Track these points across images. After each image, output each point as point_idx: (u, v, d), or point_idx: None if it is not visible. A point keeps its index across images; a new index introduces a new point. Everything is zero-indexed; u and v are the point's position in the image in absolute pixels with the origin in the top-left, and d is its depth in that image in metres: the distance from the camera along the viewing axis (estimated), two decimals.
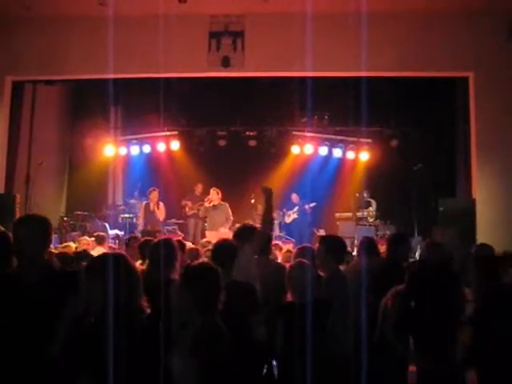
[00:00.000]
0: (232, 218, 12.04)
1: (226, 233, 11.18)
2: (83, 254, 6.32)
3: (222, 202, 12.08)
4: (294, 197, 14.06)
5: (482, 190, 10.64)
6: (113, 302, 2.92)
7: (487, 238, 9.42)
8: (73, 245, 8.18)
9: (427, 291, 4.10)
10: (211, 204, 12.04)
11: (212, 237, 9.17)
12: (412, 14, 10.54)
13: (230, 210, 12.08)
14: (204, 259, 5.47)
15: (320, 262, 5.01)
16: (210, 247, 5.68)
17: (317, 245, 7.68)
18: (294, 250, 6.25)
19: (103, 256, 3.21)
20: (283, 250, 8.10)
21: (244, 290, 4.39)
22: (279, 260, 7.21)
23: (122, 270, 3.03)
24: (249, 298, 4.36)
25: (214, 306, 3.34)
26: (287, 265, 5.02)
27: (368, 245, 5.96)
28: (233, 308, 4.01)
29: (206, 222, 12.65)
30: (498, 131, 10.66)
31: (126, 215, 13.75)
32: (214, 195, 12.03)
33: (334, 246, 5.13)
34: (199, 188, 13.32)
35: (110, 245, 9.26)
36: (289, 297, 4.63)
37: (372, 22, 9.58)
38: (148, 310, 3.05)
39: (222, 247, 4.71)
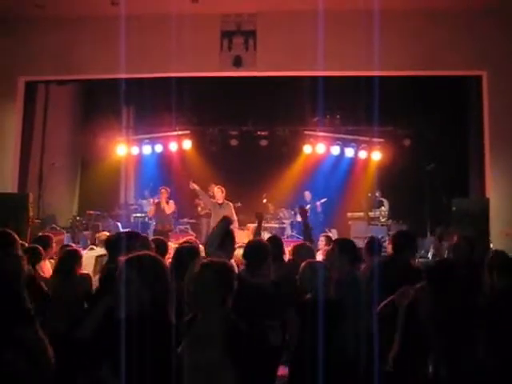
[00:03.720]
0: (235, 217, 11.91)
1: (239, 233, 11.13)
2: None
3: (226, 201, 11.92)
4: (307, 194, 14.00)
5: (496, 190, 10.55)
6: (148, 301, 2.97)
7: (501, 238, 9.37)
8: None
9: None
10: (215, 201, 11.91)
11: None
12: (424, 12, 10.48)
13: (233, 210, 11.90)
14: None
15: (333, 263, 4.99)
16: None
17: (322, 244, 7.69)
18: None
19: (146, 255, 3.22)
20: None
21: (265, 294, 4.39)
22: None
23: (160, 273, 3.08)
24: (269, 302, 4.36)
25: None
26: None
27: (375, 245, 5.99)
28: (253, 310, 3.99)
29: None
30: (511, 130, 10.57)
31: (138, 214, 13.81)
32: (219, 193, 11.78)
33: (347, 247, 5.11)
34: (212, 188, 13.28)
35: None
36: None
37: (384, 20, 9.55)
38: (173, 319, 3.07)
39: (253, 248, 4.74)
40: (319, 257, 6.87)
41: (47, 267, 6.11)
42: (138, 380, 2.79)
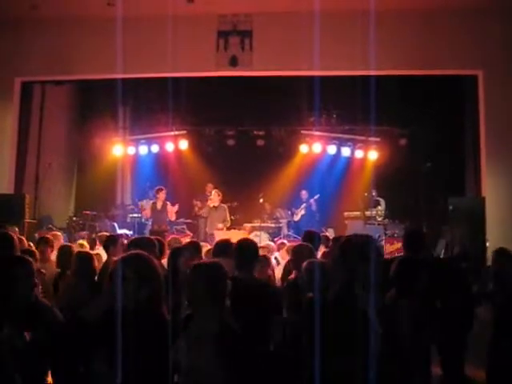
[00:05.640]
0: (229, 220, 12.08)
1: (236, 232, 11.24)
2: None
3: (222, 204, 12.16)
4: (304, 193, 14.03)
5: (492, 189, 10.59)
6: (144, 298, 3.04)
7: (497, 237, 9.41)
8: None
9: None
10: (212, 205, 12.11)
11: (220, 236, 9.15)
12: (420, 12, 10.51)
13: (228, 212, 12.17)
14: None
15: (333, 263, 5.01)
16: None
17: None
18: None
19: (138, 254, 3.26)
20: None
21: (266, 292, 4.40)
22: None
23: (155, 271, 3.18)
24: (271, 299, 4.36)
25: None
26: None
27: None
28: (255, 308, 3.98)
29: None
30: (507, 129, 10.61)
31: (135, 215, 13.79)
32: (215, 196, 12.11)
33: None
34: (209, 188, 13.32)
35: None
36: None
37: (380, 20, 9.54)
38: (167, 316, 3.12)
39: (245, 246, 4.75)
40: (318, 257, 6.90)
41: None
42: (132, 373, 2.84)
